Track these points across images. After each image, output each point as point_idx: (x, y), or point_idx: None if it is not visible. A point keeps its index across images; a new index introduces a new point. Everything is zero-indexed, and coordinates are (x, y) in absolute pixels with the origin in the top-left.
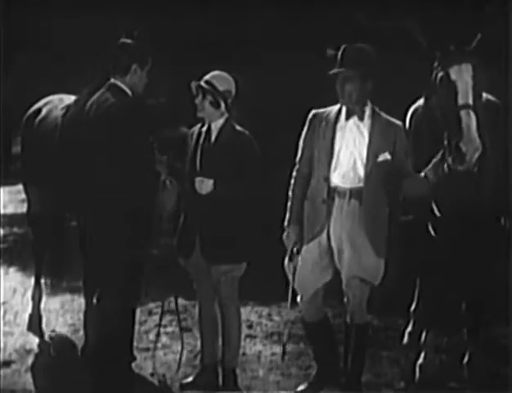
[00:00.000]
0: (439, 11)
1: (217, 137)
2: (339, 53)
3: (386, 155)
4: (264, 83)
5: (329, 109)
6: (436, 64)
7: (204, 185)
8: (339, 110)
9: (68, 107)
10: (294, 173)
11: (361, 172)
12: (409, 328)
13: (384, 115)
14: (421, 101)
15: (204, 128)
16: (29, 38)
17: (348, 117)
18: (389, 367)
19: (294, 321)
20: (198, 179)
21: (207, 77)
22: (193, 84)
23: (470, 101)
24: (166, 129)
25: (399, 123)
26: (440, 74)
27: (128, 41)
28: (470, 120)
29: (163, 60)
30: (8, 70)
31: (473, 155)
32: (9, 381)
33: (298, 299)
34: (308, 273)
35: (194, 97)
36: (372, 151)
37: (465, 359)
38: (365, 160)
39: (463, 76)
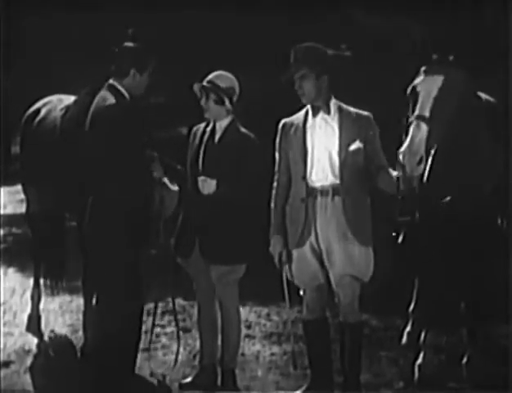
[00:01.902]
0: (439, 10)
1: (221, 138)
2: (291, 55)
3: (358, 144)
4: (265, 85)
5: (296, 115)
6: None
7: (207, 185)
8: (306, 111)
9: (67, 108)
10: (274, 184)
11: (338, 165)
12: (408, 328)
13: (351, 108)
14: None
15: (209, 128)
16: (29, 39)
17: (314, 114)
18: (388, 367)
19: (294, 320)
20: (201, 179)
21: (209, 77)
22: (196, 86)
23: (426, 113)
24: (164, 129)
25: (368, 114)
26: (411, 85)
27: (131, 44)
28: (416, 132)
29: (163, 61)
30: (8, 70)
31: (414, 168)
32: (8, 382)
33: (301, 292)
34: (306, 271)
35: (198, 100)
36: (344, 141)
37: (464, 359)
38: (337, 150)
39: (428, 87)
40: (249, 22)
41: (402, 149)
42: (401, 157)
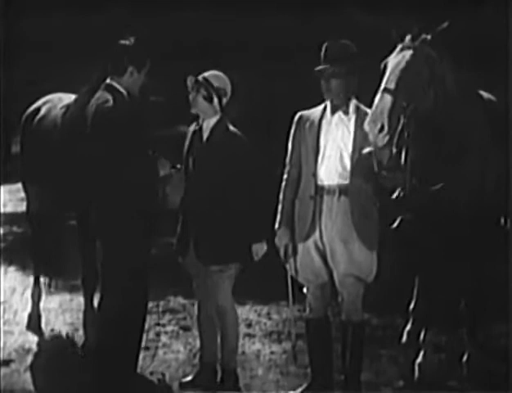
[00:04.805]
0: (439, 10)
1: (208, 137)
2: (323, 49)
3: (371, 148)
4: (262, 85)
5: (314, 109)
6: None
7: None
8: (324, 108)
9: (68, 106)
10: (285, 176)
11: (348, 166)
12: (408, 327)
13: (368, 109)
14: None
15: (197, 127)
16: (30, 38)
17: (333, 112)
18: (388, 366)
19: (295, 319)
20: (255, 246)
21: (204, 74)
22: (189, 79)
23: (391, 86)
24: (164, 128)
25: None
26: (384, 61)
27: (127, 42)
28: (379, 103)
29: (163, 60)
30: (8, 70)
31: (375, 135)
32: (8, 381)
33: (305, 290)
34: (310, 267)
35: (188, 94)
36: (357, 144)
37: (464, 358)
38: (350, 152)
39: (397, 61)
40: (248, 22)
41: (366, 120)
42: (365, 126)
